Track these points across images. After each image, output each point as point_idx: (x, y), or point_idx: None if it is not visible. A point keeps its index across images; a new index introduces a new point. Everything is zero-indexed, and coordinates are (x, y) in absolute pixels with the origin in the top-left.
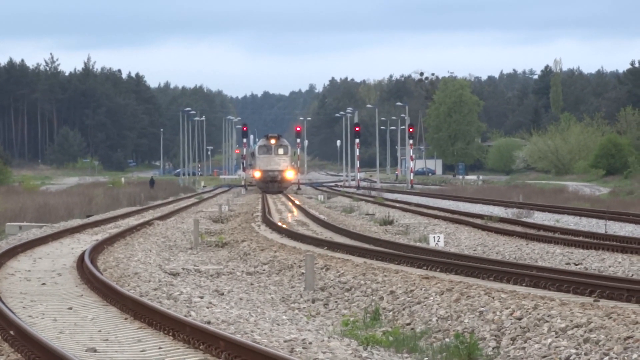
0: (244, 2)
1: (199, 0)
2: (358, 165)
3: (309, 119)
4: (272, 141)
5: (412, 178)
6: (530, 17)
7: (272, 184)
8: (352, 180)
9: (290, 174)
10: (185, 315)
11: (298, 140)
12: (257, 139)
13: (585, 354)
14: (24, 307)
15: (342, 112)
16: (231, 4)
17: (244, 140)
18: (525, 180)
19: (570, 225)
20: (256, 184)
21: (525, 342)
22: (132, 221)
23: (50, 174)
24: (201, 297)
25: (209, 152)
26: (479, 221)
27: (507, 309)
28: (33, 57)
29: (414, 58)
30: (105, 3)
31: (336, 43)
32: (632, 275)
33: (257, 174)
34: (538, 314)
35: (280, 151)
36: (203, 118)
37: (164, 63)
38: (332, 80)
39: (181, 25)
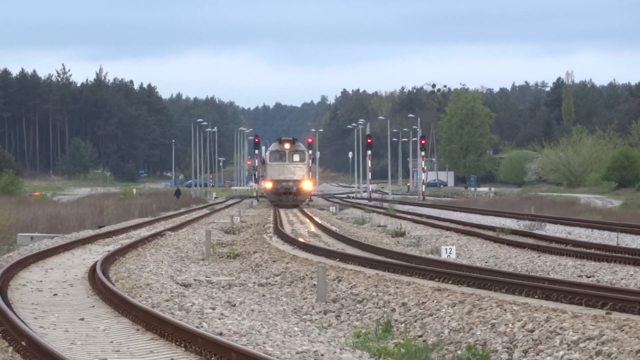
0: (255, 15)
1: (209, 13)
2: (370, 177)
3: (321, 130)
4: (286, 146)
5: (423, 190)
6: (541, 30)
7: (285, 197)
8: (364, 192)
9: (307, 185)
10: (197, 327)
11: (310, 151)
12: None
13: None
14: (35, 318)
15: (354, 124)
16: (242, 16)
17: (256, 151)
18: (537, 193)
19: (582, 237)
20: (267, 197)
21: (538, 354)
22: (144, 232)
23: (62, 184)
24: (213, 309)
25: (221, 164)
26: (490, 233)
27: (519, 321)
28: (45, 67)
29: (426, 70)
30: (120, 15)
31: (348, 55)
32: None
33: (269, 185)
34: (550, 327)
35: (296, 158)
36: (215, 129)
37: (176, 74)
38: (344, 92)
39: (193, 37)
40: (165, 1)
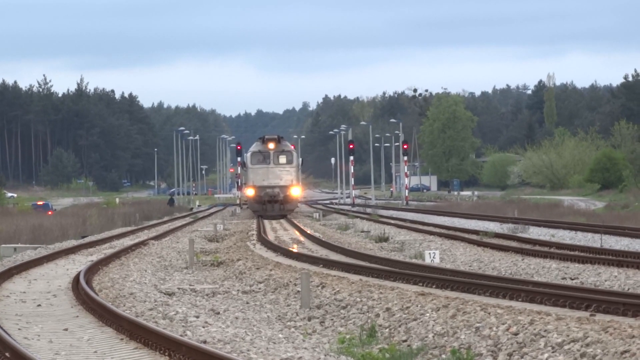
0: (237, 23)
1: (190, 21)
2: (353, 183)
3: (303, 137)
4: (271, 145)
5: (407, 195)
6: (522, 34)
7: (271, 206)
8: (347, 197)
9: (296, 191)
10: (181, 335)
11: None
12: None
13: None
14: (19, 329)
15: (336, 130)
16: (224, 25)
17: (238, 159)
18: (520, 196)
19: (566, 239)
20: (249, 206)
21: (522, 357)
22: (127, 241)
23: (45, 195)
24: (197, 317)
25: (204, 172)
26: (474, 237)
27: (503, 324)
28: (26, 78)
29: (407, 75)
30: (107, 25)
31: (329, 61)
32: (628, 289)
33: (250, 192)
34: (534, 329)
35: (282, 159)
36: (197, 137)
37: (157, 84)
38: (326, 98)
39: (174, 46)
40: (152, 11)
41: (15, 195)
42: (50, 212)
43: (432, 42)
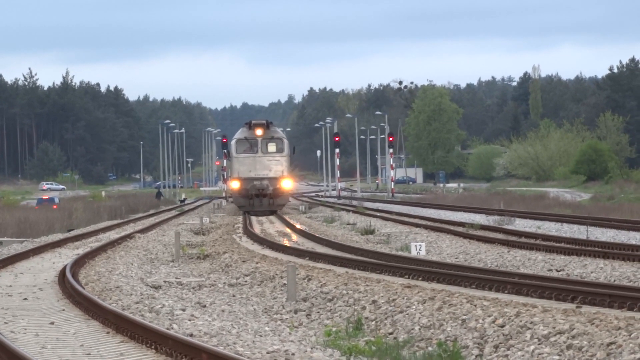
0: (224, 16)
1: (176, 13)
2: (338, 175)
3: (289, 129)
4: (258, 132)
5: (392, 187)
6: (506, 26)
7: (258, 200)
8: (333, 190)
9: (287, 184)
10: (168, 328)
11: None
12: None
13: None
14: (5, 323)
15: (321, 122)
16: (211, 17)
17: (224, 151)
18: (506, 187)
19: (552, 231)
20: (234, 201)
21: (508, 349)
22: (113, 235)
23: (31, 188)
24: (183, 310)
25: (189, 164)
26: (460, 229)
27: (489, 316)
28: (11, 71)
29: (392, 67)
30: (95, 18)
31: (315, 53)
32: (614, 280)
33: (235, 185)
34: (521, 321)
35: (272, 147)
36: (182, 130)
37: (141, 77)
38: (311, 91)
39: (163, 39)
40: (141, 4)
41: (64, 188)
42: (55, 206)
43: (417, 35)
